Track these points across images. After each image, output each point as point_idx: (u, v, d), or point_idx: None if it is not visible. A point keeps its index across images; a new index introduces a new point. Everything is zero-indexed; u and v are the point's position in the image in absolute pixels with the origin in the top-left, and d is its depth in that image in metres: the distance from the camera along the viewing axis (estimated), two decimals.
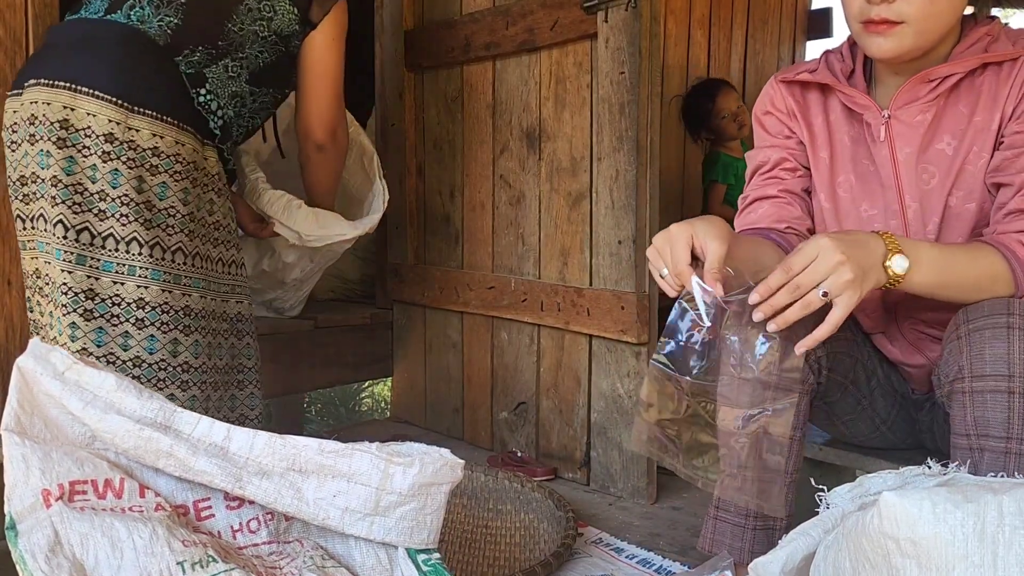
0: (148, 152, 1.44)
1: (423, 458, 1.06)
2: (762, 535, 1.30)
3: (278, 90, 1.70)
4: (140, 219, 1.43)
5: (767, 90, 1.42)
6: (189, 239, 1.50)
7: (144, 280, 1.44)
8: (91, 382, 0.99)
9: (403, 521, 1.06)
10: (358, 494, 1.03)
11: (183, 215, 1.48)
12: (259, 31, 1.59)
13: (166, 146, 1.46)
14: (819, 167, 1.37)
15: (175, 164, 1.47)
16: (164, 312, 1.46)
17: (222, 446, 1.00)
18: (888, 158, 1.27)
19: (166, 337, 1.46)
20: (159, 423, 0.99)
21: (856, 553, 0.91)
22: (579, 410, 2.10)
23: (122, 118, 1.41)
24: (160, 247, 1.45)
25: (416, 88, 2.52)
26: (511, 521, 1.81)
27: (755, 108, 1.44)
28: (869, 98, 1.29)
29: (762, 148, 1.42)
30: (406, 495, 1.05)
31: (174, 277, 1.47)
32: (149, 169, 1.44)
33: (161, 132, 1.45)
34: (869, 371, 1.38)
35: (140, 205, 1.43)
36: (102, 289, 1.41)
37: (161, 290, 1.45)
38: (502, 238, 2.28)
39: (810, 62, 1.39)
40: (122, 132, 1.41)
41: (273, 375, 2.34)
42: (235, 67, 1.57)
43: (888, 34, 1.16)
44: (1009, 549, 0.80)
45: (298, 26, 1.64)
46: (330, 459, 1.02)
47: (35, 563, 0.84)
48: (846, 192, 1.34)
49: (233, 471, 0.99)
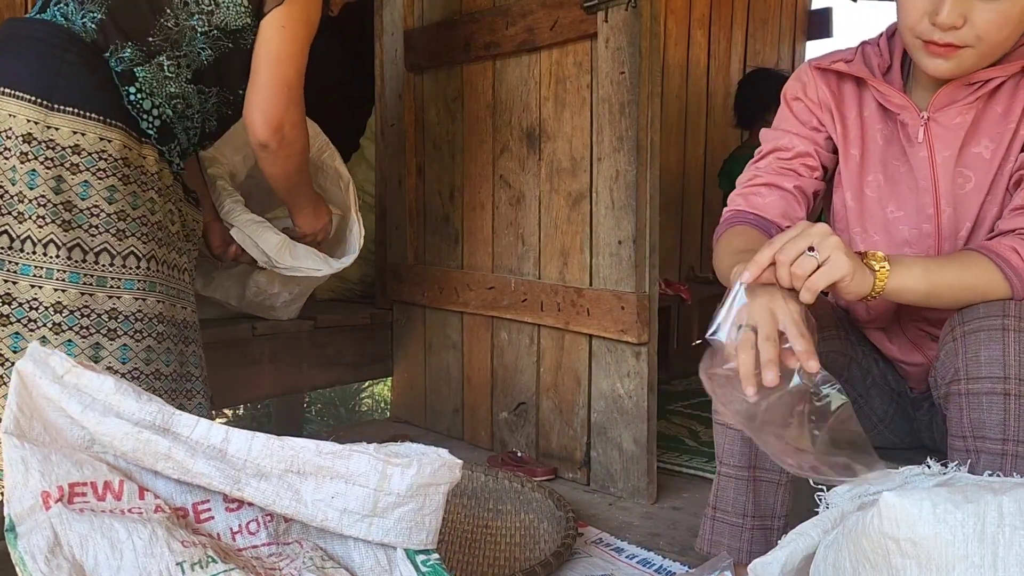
0: (68, 150, 1.39)
1: (421, 459, 1.06)
2: (760, 535, 1.30)
3: (230, 90, 1.60)
4: (57, 220, 1.37)
5: (800, 75, 1.37)
6: (118, 239, 1.42)
7: (62, 284, 1.38)
8: (90, 385, 0.99)
9: (401, 522, 1.06)
10: (356, 495, 1.03)
11: (109, 214, 1.42)
12: (198, 26, 1.50)
13: (88, 143, 1.40)
14: (848, 164, 1.33)
15: (99, 161, 1.41)
16: (84, 316, 1.40)
17: (220, 448, 1.00)
18: (926, 161, 1.24)
19: (85, 342, 1.40)
20: (158, 425, 0.98)
21: (856, 553, 0.91)
22: (579, 410, 2.10)
23: (41, 117, 1.37)
24: (81, 248, 1.39)
25: (416, 88, 2.52)
26: (511, 521, 1.81)
27: (785, 90, 1.39)
28: (907, 98, 1.25)
29: (787, 132, 1.36)
30: (404, 496, 1.05)
31: (98, 279, 1.41)
32: (69, 168, 1.39)
33: (83, 129, 1.39)
34: (864, 369, 1.38)
35: (58, 206, 1.38)
36: (19, 293, 1.37)
37: (80, 293, 1.39)
38: (502, 238, 2.28)
39: (846, 51, 1.35)
40: (40, 131, 1.37)
41: (273, 375, 2.34)
42: (172, 66, 1.49)
43: (950, 57, 1.13)
44: (1009, 549, 0.80)
45: (250, 19, 1.52)
46: (328, 460, 1.02)
47: (35, 564, 0.84)
48: (873, 192, 1.30)
49: (231, 473, 0.99)
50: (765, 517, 1.30)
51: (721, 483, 1.32)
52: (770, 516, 1.30)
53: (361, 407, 4.63)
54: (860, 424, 1.42)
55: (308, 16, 1.55)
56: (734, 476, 1.30)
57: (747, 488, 1.30)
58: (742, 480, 1.30)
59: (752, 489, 1.30)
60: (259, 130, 1.55)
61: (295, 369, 2.39)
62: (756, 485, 1.30)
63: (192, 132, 1.59)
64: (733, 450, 1.30)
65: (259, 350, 2.28)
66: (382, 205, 2.69)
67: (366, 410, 4.64)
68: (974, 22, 1.08)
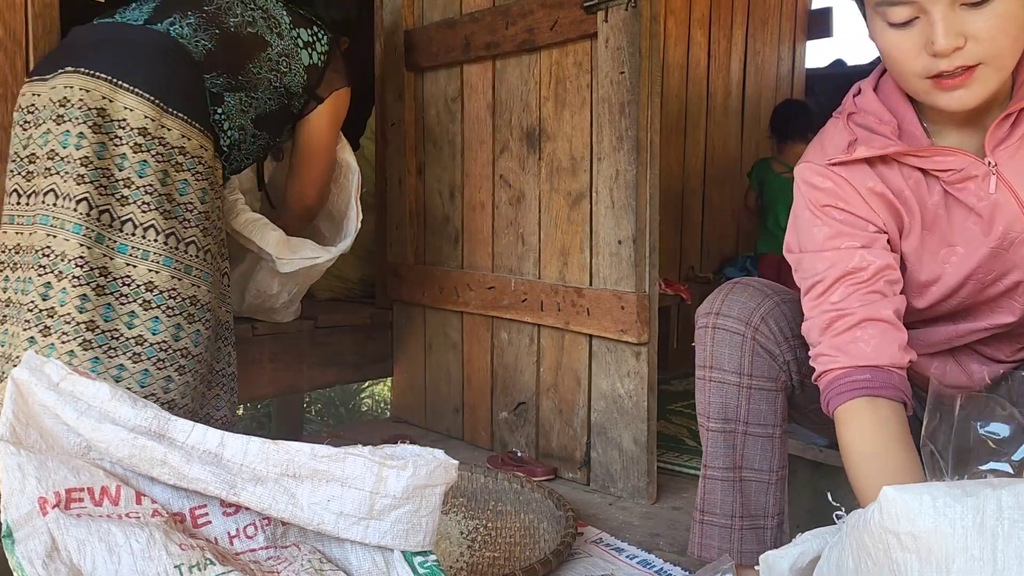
0: (176, 150, 1.54)
1: (416, 460, 1.06)
2: (750, 534, 1.30)
3: (272, 138, 1.85)
4: (160, 209, 1.51)
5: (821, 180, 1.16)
6: (203, 235, 1.58)
7: (156, 265, 1.51)
8: (86, 392, 0.99)
9: (398, 524, 1.06)
10: (352, 498, 1.03)
11: (199, 212, 1.57)
12: (272, 80, 1.75)
13: (192, 148, 1.56)
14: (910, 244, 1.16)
15: (198, 165, 1.58)
16: (171, 298, 1.52)
17: (216, 453, 1.00)
18: (1014, 207, 1.10)
19: (170, 321, 1.52)
20: (153, 431, 0.99)
21: (858, 549, 0.91)
22: (579, 410, 2.10)
23: (156, 116, 1.52)
24: (175, 237, 1.53)
25: (416, 88, 2.52)
26: (511, 521, 1.81)
27: (808, 199, 1.17)
28: (961, 152, 1.10)
29: (853, 250, 1.12)
30: (400, 498, 1.05)
31: (185, 267, 1.55)
32: (174, 165, 1.54)
33: (189, 134, 1.56)
34: None
35: (162, 196, 1.51)
36: (115, 269, 1.48)
37: (171, 276, 1.52)
38: (502, 238, 2.28)
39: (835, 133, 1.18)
40: (155, 128, 1.52)
41: (273, 375, 2.34)
42: (246, 102, 1.72)
43: (968, 83, 1.01)
44: (1008, 542, 0.80)
45: (302, 90, 1.82)
46: (323, 464, 1.02)
47: (32, 569, 0.84)
48: (952, 266, 1.16)
49: (227, 478, 1.00)
50: (756, 517, 1.30)
51: (707, 486, 1.31)
52: (761, 516, 1.30)
53: (361, 407, 4.64)
54: None
55: (344, 110, 1.95)
56: (720, 478, 1.30)
57: (733, 489, 1.29)
58: (728, 481, 1.29)
59: (739, 490, 1.29)
60: (311, 200, 2.02)
61: (295, 369, 2.39)
62: (743, 485, 1.29)
63: (234, 163, 1.79)
64: (717, 452, 1.30)
65: (259, 350, 2.29)
66: (382, 205, 2.69)
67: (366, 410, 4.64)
68: (975, 35, 0.99)
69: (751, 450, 1.28)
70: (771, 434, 1.28)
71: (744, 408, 1.27)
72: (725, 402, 1.27)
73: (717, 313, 1.28)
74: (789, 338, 1.26)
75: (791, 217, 1.22)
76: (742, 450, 1.28)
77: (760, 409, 1.26)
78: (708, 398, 1.29)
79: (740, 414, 1.27)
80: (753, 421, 1.27)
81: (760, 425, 1.27)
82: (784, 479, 1.31)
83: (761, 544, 1.29)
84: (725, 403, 1.27)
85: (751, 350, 1.25)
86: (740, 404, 1.27)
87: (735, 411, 1.27)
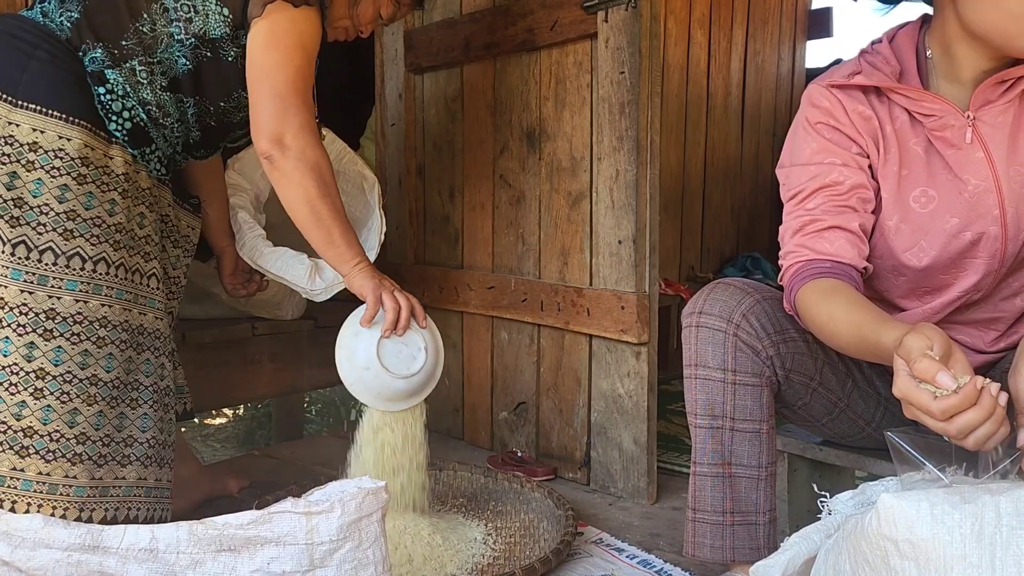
0: (26, 147, 1.38)
1: (343, 497, 1.07)
2: (742, 531, 1.30)
3: (210, 102, 1.57)
4: (5, 216, 1.36)
5: (819, 99, 1.27)
6: (64, 239, 1.39)
7: (3, 279, 1.35)
8: (19, 527, 1.01)
9: (344, 564, 1.07)
10: (291, 554, 1.05)
11: (58, 213, 1.39)
12: (175, 33, 1.48)
13: (46, 141, 1.39)
14: (889, 183, 1.24)
15: (54, 160, 1.39)
16: (22, 314, 1.36)
17: (150, 549, 1.02)
18: (983, 161, 1.19)
19: (20, 340, 1.35)
20: (87, 545, 1.01)
21: (855, 555, 0.91)
22: (579, 410, 2.10)
23: (4, 112, 1.37)
24: (25, 246, 1.36)
25: (416, 88, 2.52)
26: (511, 521, 1.81)
27: (806, 117, 1.28)
28: (945, 100, 1.19)
29: (833, 165, 1.23)
30: (338, 540, 1.06)
31: (39, 278, 1.37)
32: (25, 165, 1.37)
33: (43, 127, 1.38)
34: (842, 373, 1.37)
35: (7, 202, 1.36)
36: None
37: (20, 290, 1.35)
38: (502, 238, 2.28)
39: (849, 64, 1.28)
40: (2, 127, 1.37)
41: (273, 375, 2.35)
42: (144, 71, 1.48)
43: None
44: (1007, 549, 0.80)
45: (229, 29, 1.50)
46: (253, 530, 1.04)
47: None
48: (924, 207, 1.23)
49: (167, 570, 1.01)
50: (747, 513, 1.30)
51: (697, 482, 1.32)
52: (752, 512, 1.30)
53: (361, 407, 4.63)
54: (844, 425, 1.42)
55: (295, 25, 1.51)
56: (709, 474, 1.31)
57: (723, 485, 1.30)
58: (717, 477, 1.30)
59: (728, 486, 1.30)
60: (260, 143, 1.52)
61: (295, 369, 2.39)
62: (733, 482, 1.30)
63: (174, 140, 1.58)
64: (705, 448, 1.31)
65: (259, 350, 2.29)
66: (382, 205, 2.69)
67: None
68: None
69: (739, 446, 1.29)
70: (758, 429, 1.29)
71: (730, 404, 1.28)
72: (711, 398, 1.29)
73: (700, 312, 1.30)
74: (771, 333, 1.28)
75: (789, 133, 1.33)
76: (730, 446, 1.29)
77: (745, 404, 1.28)
78: (695, 395, 1.31)
79: (726, 410, 1.29)
80: (739, 416, 1.28)
81: (746, 420, 1.28)
82: (774, 475, 1.32)
83: (753, 541, 1.30)
84: (711, 399, 1.29)
85: (734, 346, 1.27)
86: (726, 400, 1.29)
87: (721, 407, 1.29)
